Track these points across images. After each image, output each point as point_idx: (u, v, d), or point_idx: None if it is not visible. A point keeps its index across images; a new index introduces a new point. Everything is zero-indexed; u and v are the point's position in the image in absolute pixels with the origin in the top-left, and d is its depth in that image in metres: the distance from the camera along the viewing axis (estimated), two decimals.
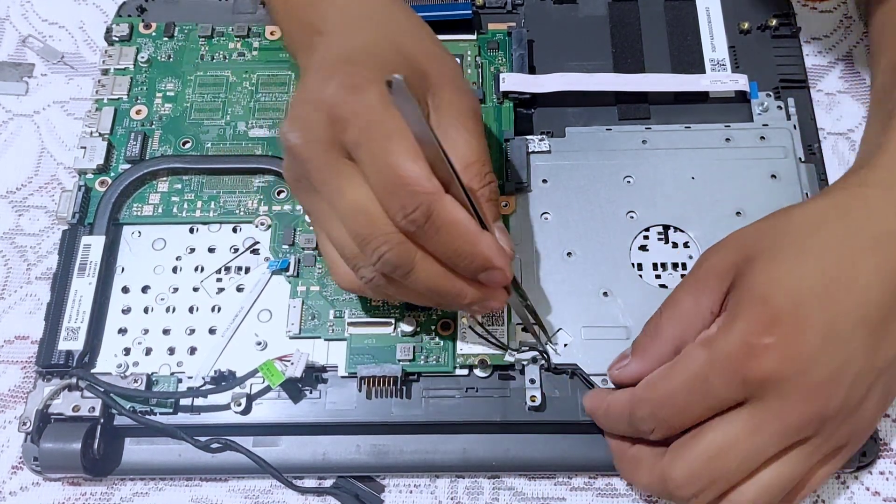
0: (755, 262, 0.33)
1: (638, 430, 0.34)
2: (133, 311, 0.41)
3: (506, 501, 0.38)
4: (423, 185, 0.30)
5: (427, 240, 0.32)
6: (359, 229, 0.32)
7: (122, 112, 0.45)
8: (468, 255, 0.32)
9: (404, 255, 0.32)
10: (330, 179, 0.33)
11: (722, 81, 0.45)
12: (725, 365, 0.31)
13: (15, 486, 0.39)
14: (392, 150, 0.31)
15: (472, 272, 0.33)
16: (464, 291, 0.33)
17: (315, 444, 0.39)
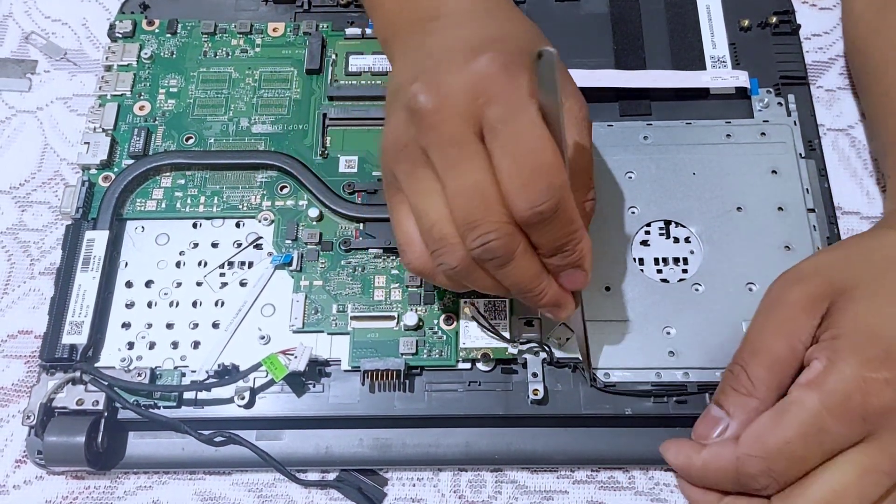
0: (852, 297, 0.31)
1: (747, 487, 0.31)
2: (136, 306, 0.41)
3: (508, 494, 0.38)
4: (559, 176, 0.30)
5: (541, 231, 0.31)
6: (470, 212, 0.31)
7: (125, 108, 0.45)
8: (569, 251, 0.32)
9: (510, 245, 0.31)
10: (454, 152, 0.31)
11: (723, 78, 0.45)
12: (844, 405, 0.29)
13: (19, 480, 0.39)
14: (536, 135, 0.30)
15: (560, 269, 0.33)
16: (546, 290, 0.33)
17: (318, 438, 0.39)
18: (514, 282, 0.33)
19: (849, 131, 0.46)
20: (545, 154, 0.30)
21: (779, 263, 0.40)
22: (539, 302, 0.34)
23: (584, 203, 0.34)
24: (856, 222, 0.43)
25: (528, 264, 0.32)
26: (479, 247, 0.31)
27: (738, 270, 0.40)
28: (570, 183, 0.31)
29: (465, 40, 0.33)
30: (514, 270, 0.32)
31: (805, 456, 0.30)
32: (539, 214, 0.30)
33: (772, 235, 0.41)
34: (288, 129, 0.44)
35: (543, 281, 0.33)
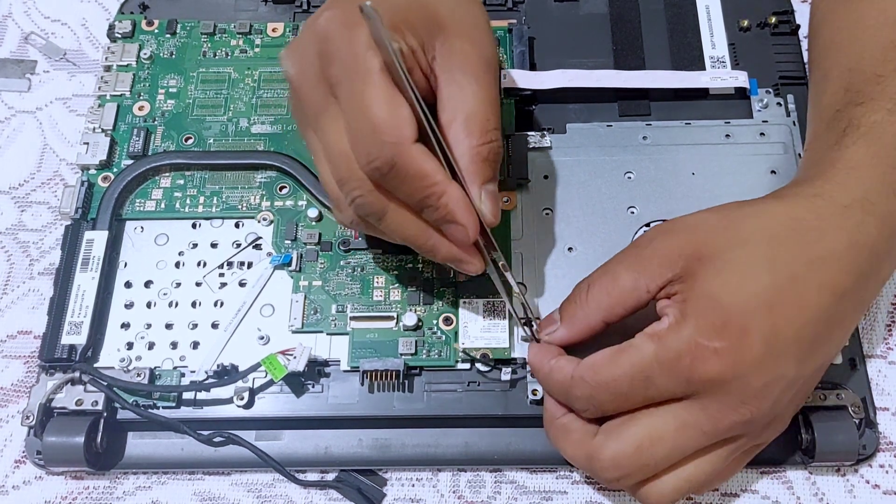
0: (709, 263, 0.32)
1: (572, 406, 0.34)
2: (136, 306, 0.41)
3: (508, 495, 0.38)
4: (389, 132, 0.30)
5: (392, 188, 0.32)
6: (338, 171, 0.32)
7: (124, 108, 0.45)
8: (431, 206, 0.32)
9: (375, 202, 0.32)
10: (317, 115, 0.32)
11: (722, 78, 0.45)
12: (673, 363, 0.31)
13: (18, 480, 0.39)
14: (366, 92, 0.30)
15: (436, 223, 0.32)
16: (436, 246, 0.33)
17: (317, 438, 0.39)
18: (400, 237, 0.33)
19: None
20: (374, 109, 0.30)
21: None
22: (436, 257, 0.34)
23: (476, 147, 0.32)
24: None
25: (403, 220, 0.33)
26: (352, 203, 0.32)
27: None
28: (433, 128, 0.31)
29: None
30: (392, 226, 0.33)
31: (627, 395, 0.32)
32: (376, 170, 0.31)
33: None
34: (287, 129, 0.44)
35: (431, 236, 0.33)
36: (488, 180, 0.33)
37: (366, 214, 0.33)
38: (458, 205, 0.32)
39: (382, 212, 0.32)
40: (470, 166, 0.32)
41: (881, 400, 0.39)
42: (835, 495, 0.38)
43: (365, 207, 0.32)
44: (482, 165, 0.33)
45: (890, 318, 0.41)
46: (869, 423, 0.38)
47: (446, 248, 0.34)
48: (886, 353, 0.41)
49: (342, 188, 0.33)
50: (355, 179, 0.32)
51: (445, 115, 0.33)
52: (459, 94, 0.33)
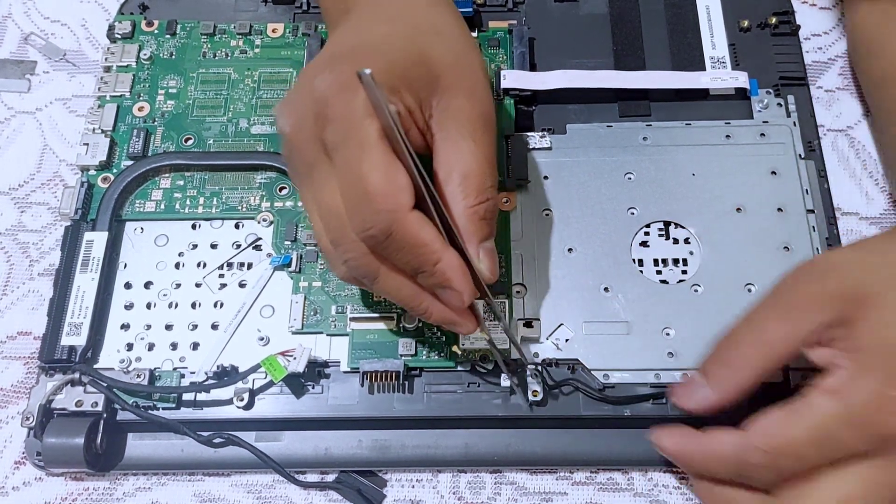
0: (874, 306, 0.30)
1: (746, 478, 0.32)
2: (136, 307, 0.41)
3: (508, 496, 0.38)
4: (386, 201, 0.29)
5: (388, 255, 0.31)
6: (331, 231, 0.32)
7: (124, 109, 0.45)
8: (427, 272, 0.31)
9: (368, 266, 0.32)
10: (311, 174, 0.32)
11: (722, 79, 0.45)
12: (859, 419, 0.29)
13: (18, 481, 0.39)
14: (362, 158, 0.29)
15: (431, 288, 0.32)
16: (429, 309, 0.33)
17: (317, 439, 0.39)
18: (393, 299, 0.33)
19: (848, 132, 0.46)
20: (371, 177, 0.29)
21: (778, 264, 0.40)
22: (429, 320, 0.34)
23: (473, 207, 0.32)
24: (855, 223, 0.43)
25: (396, 284, 0.32)
26: (344, 264, 0.32)
27: (738, 271, 0.40)
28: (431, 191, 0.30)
29: (336, 49, 0.33)
30: (385, 288, 0.32)
31: (811, 458, 0.30)
32: (371, 238, 0.30)
33: (771, 236, 0.41)
34: None
35: (424, 299, 0.33)
36: (485, 238, 0.33)
37: (357, 275, 0.33)
38: (455, 271, 0.31)
39: (375, 275, 0.32)
40: (468, 226, 0.32)
41: None
42: None
43: (357, 270, 0.32)
44: (479, 224, 0.32)
45: None
46: None
47: (439, 311, 0.33)
48: None
49: (335, 248, 0.32)
50: (348, 242, 0.31)
51: (442, 174, 0.32)
52: (455, 153, 0.32)
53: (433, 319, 0.34)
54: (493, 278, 0.33)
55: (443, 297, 0.32)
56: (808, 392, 0.31)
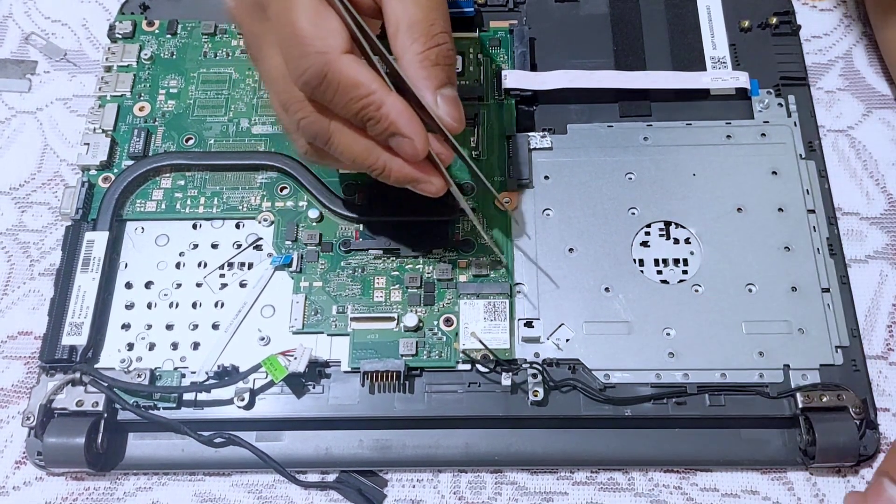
0: None
1: None
2: (136, 307, 0.41)
3: (508, 496, 0.38)
4: (314, 44, 0.29)
5: (329, 103, 0.31)
6: (278, 95, 0.32)
7: (125, 109, 0.45)
8: (372, 118, 0.31)
9: (318, 122, 0.31)
10: (255, 43, 0.32)
11: (723, 79, 0.45)
12: None
13: (19, 481, 0.39)
14: (291, 7, 0.29)
15: (381, 138, 0.32)
16: (388, 166, 0.32)
17: (318, 439, 0.39)
18: (348, 158, 0.33)
19: (849, 132, 0.46)
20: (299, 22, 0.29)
21: (779, 264, 0.40)
22: (390, 179, 0.33)
23: (423, 52, 0.31)
24: (856, 223, 0.43)
25: (349, 139, 0.32)
26: (298, 129, 0.32)
27: (738, 271, 0.40)
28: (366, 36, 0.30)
29: None
30: (339, 147, 0.32)
31: None
32: (307, 84, 0.30)
33: (772, 236, 0.41)
34: None
35: (380, 155, 0.32)
36: (443, 84, 0.32)
37: (311, 137, 0.32)
38: (401, 115, 0.31)
39: (326, 131, 0.31)
40: (420, 72, 0.31)
41: (882, 401, 0.39)
42: (835, 496, 0.38)
43: (309, 129, 0.32)
44: (433, 70, 0.31)
45: (890, 318, 0.41)
46: (869, 424, 0.38)
47: (398, 167, 0.32)
48: (887, 353, 0.40)
49: (287, 114, 0.32)
50: (295, 101, 0.31)
51: (391, 29, 0.32)
52: (400, 4, 0.32)
53: (393, 177, 0.33)
54: (458, 126, 0.33)
55: (396, 147, 0.32)
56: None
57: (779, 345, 0.39)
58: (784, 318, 0.39)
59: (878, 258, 0.43)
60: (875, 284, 0.42)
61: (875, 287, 0.42)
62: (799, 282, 0.40)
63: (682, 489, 0.38)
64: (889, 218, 0.44)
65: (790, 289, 0.40)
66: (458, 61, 0.45)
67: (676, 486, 0.38)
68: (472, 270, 0.40)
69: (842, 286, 0.40)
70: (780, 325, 0.39)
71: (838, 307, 0.40)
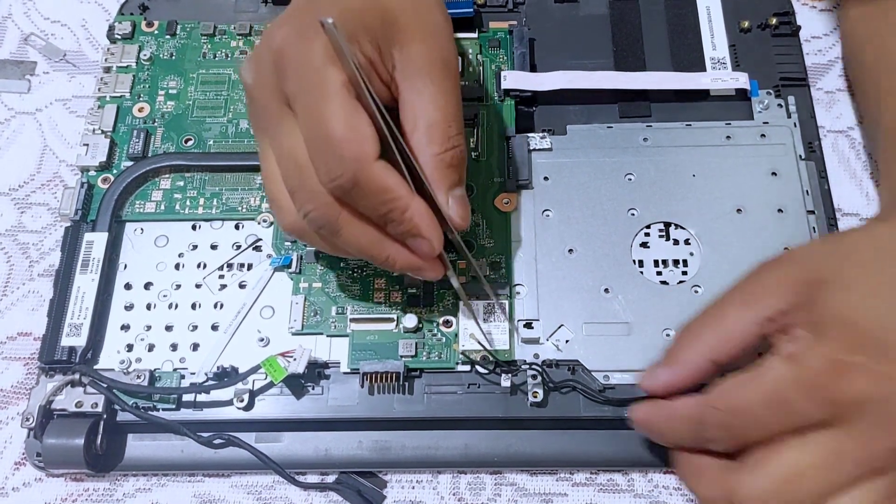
0: (831, 287, 0.31)
1: (703, 439, 0.32)
2: (136, 308, 0.41)
3: (508, 497, 0.38)
4: (352, 149, 0.29)
5: (355, 204, 0.31)
6: (289, 180, 0.32)
7: (124, 109, 0.45)
8: (395, 221, 0.31)
9: (329, 216, 0.32)
10: (272, 125, 0.32)
11: (722, 79, 0.45)
12: (813, 383, 0.29)
13: (18, 482, 0.39)
14: (325, 107, 0.30)
15: (400, 237, 0.32)
16: (393, 257, 0.33)
17: (317, 440, 0.39)
18: (355, 249, 0.33)
19: (849, 133, 0.46)
20: (334, 125, 0.29)
21: None
22: (395, 269, 0.34)
23: (439, 155, 0.32)
24: (856, 224, 0.43)
25: (359, 232, 0.32)
26: (305, 217, 0.32)
27: (738, 272, 0.39)
28: (397, 139, 0.31)
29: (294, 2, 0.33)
30: (347, 238, 0.32)
31: (763, 420, 0.30)
32: (339, 188, 0.30)
33: (771, 237, 0.41)
34: None
35: (388, 248, 0.33)
36: (454, 186, 0.33)
37: (318, 227, 0.32)
38: (423, 218, 0.32)
39: (336, 223, 0.32)
40: (434, 174, 0.32)
41: None
42: None
43: (317, 221, 0.32)
44: (446, 172, 0.33)
45: None
46: None
47: (404, 258, 0.33)
48: None
49: (294, 197, 0.32)
50: (309, 191, 0.31)
51: (407, 125, 0.33)
52: (419, 101, 0.32)
53: (398, 267, 0.34)
54: (464, 225, 0.34)
55: (413, 246, 0.33)
56: (766, 358, 0.31)
57: None
58: None
59: None
60: None
61: None
62: None
63: (681, 490, 0.38)
64: None
65: None
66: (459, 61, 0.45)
67: (676, 487, 0.38)
68: (471, 272, 0.40)
69: None
70: None
71: None
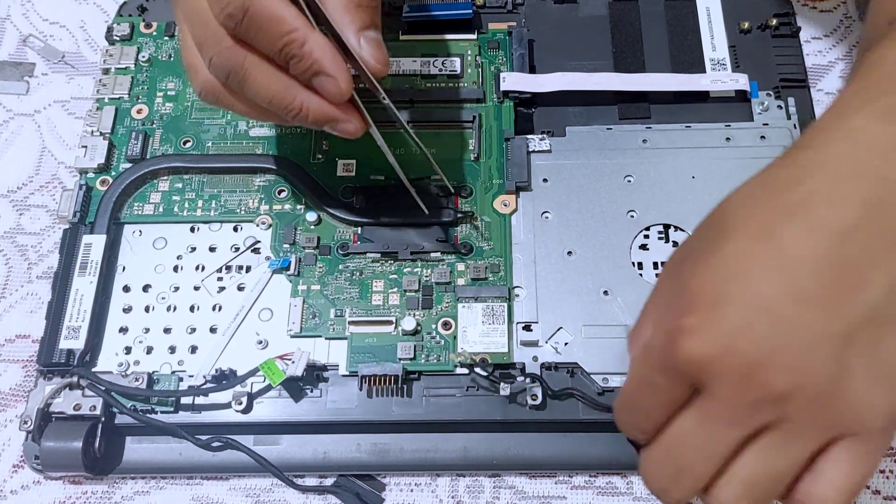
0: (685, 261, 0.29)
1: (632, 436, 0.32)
2: (134, 310, 0.41)
3: (507, 500, 0.38)
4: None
5: (251, 39, 0.31)
6: (195, 32, 0.32)
7: (122, 111, 0.45)
8: (295, 56, 0.31)
9: (233, 59, 0.31)
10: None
11: (722, 81, 0.45)
12: (657, 357, 0.29)
13: (16, 485, 0.39)
14: None
15: (304, 77, 0.31)
16: (305, 105, 0.32)
17: (316, 443, 0.39)
18: (265, 98, 0.32)
19: None
20: None
21: None
22: (309, 120, 0.33)
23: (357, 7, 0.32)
24: None
25: (266, 78, 0.32)
26: (209, 65, 0.31)
27: None
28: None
29: None
30: (254, 85, 0.32)
31: (642, 408, 0.30)
32: (230, 17, 0.30)
33: None
34: (286, 132, 0.44)
35: (299, 94, 0.32)
36: (367, 27, 0.32)
37: (225, 75, 0.32)
38: (325, 53, 0.31)
39: (241, 67, 0.31)
40: (344, 15, 0.32)
41: None
42: None
43: (222, 67, 0.31)
44: (356, 12, 0.32)
45: None
46: None
47: (317, 106, 0.32)
48: None
49: (202, 50, 0.32)
50: (213, 37, 0.31)
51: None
52: None
53: (311, 118, 0.33)
54: (381, 68, 0.33)
55: (319, 87, 0.32)
56: None
57: None
58: None
59: None
60: None
61: None
62: None
63: None
64: None
65: None
66: (458, 62, 0.45)
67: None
68: (470, 274, 0.40)
69: None
70: None
71: None
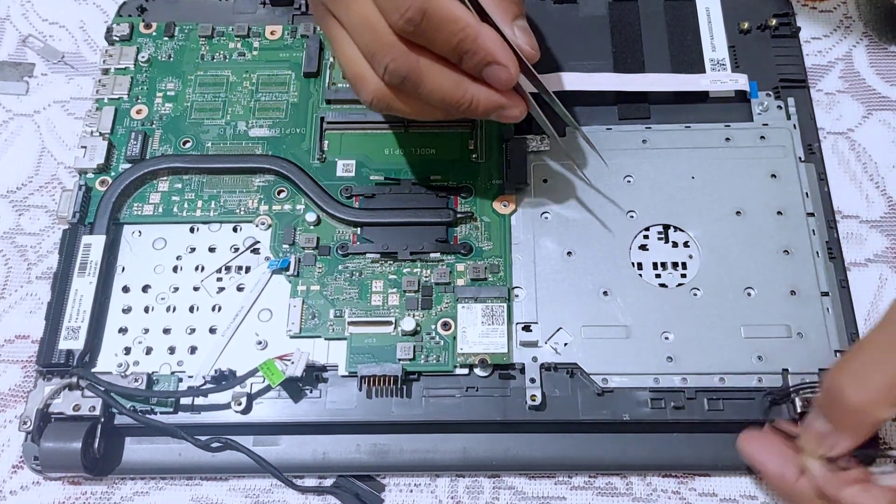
0: None
1: None
2: (133, 311, 0.41)
3: (506, 501, 0.38)
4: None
5: (428, 40, 0.32)
6: (365, 43, 0.33)
7: (122, 112, 0.45)
8: (469, 50, 0.32)
9: (409, 63, 0.32)
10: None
11: (722, 81, 0.45)
12: None
13: (15, 486, 0.39)
14: None
15: (476, 69, 0.33)
16: (476, 97, 0.34)
17: (315, 444, 0.39)
18: (438, 97, 0.34)
19: (849, 135, 0.46)
20: None
21: (778, 268, 0.40)
22: (479, 111, 0.34)
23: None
24: (855, 226, 0.43)
25: (440, 77, 0.33)
26: (384, 73, 0.33)
27: (737, 275, 0.40)
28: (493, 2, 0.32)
29: None
30: (430, 86, 0.33)
31: None
32: (409, 22, 0.31)
33: (771, 239, 0.41)
34: (285, 132, 0.44)
35: (468, 88, 0.34)
36: (517, 17, 0.34)
37: (401, 80, 0.33)
38: (496, 44, 0.32)
39: (417, 70, 0.33)
40: (498, 7, 0.33)
41: None
42: None
43: (399, 72, 0.33)
44: (507, 4, 0.34)
45: None
46: None
47: (486, 96, 0.34)
48: None
49: (373, 60, 0.33)
50: (386, 45, 0.32)
51: None
52: None
53: (481, 108, 0.34)
54: (535, 53, 0.35)
55: (491, 76, 0.33)
56: None
57: (778, 349, 0.38)
58: (783, 322, 0.39)
59: (877, 262, 0.42)
60: (875, 288, 0.42)
61: (875, 291, 0.42)
62: (798, 285, 0.40)
63: (680, 494, 0.38)
64: (889, 221, 0.43)
65: (789, 292, 0.39)
66: None
67: (675, 490, 0.38)
68: (469, 274, 0.40)
69: (841, 290, 0.40)
70: (779, 329, 0.39)
71: (838, 311, 0.39)
